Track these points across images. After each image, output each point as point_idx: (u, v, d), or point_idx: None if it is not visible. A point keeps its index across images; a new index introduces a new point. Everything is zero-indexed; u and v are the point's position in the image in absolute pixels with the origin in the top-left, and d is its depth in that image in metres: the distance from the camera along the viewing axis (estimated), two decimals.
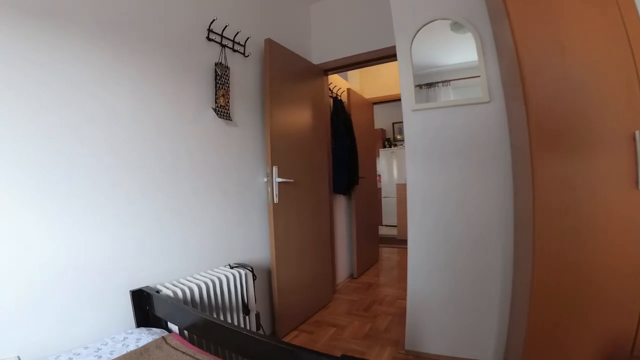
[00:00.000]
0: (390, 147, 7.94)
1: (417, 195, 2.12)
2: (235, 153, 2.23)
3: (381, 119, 8.00)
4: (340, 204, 3.63)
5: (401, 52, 2.11)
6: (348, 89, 3.84)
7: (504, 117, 1.88)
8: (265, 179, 2.39)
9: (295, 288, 2.52)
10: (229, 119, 2.14)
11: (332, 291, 3.16)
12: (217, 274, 1.80)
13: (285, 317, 2.41)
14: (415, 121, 2.07)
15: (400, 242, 5.64)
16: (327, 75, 3.22)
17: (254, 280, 1.91)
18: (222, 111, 2.08)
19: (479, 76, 1.91)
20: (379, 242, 4.81)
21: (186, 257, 1.84)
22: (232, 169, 2.20)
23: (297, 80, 2.71)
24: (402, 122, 8.08)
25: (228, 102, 2.13)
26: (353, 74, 4.58)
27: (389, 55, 2.77)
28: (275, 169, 2.32)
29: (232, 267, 1.92)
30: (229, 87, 2.14)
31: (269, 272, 2.42)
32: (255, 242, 2.35)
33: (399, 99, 4.62)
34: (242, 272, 1.85)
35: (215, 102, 2.05)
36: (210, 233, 2.01)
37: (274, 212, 2.31)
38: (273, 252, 2.31)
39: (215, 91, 2.06)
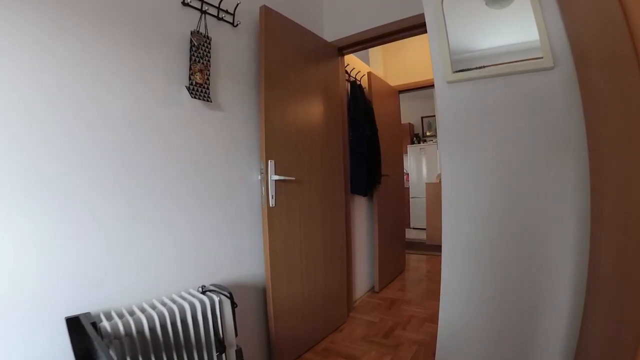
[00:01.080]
0: (419, 143, 7.33)
1: (454, 195, 1.61)
2: (219, 144, 1.80)
3: (409, 113, 7.40)
4: (360, 206, 3.13)
5: (429, 11, 1.60)
6: (369, 73, 3.33)
7: (574, 90, 1.34)
8: (260, 177, 1.94)
9: (297, 309, 2.06)
10: (208, 100, 1.70)
11: (348, 309, 2.68)
12: (184, 301, 1.36)
13: (284, 346, 1.96)
14: (452, 97, 1.55)
15: (429, 247, 5.06)
16: (342, 55, 2.73)
17: (233, 307, 1.47)
18: (199, 90, 1.65)
19: (524, 60, 1.38)
20: (406, 247, 4.27)
21: (146, 277, 1.43)
22: (215, 163, 1.77)
23: (304, 60, 2.24)
24: (432, 116, 7.35)
25: (207, 79, 1.70)
26: (375, 58, 4.05)
27: (416, 26, 2.26)
28: (271, 164, 1.87)
29: (204, 292, 1.49)
30: (209, 61, 1.71)
31: (264, 291, 1.98)
32: (245, 255, 1.91)
33: (428, 86, 4.08)
34: (216, 298, 1.41)
35: (190, 79, 1.62)
36: (182, 245, 1.58)
37: (269, 218, 1.86)
38: (268, 268, 1.86)
39: (190, 65, 1.63)
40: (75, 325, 1.15)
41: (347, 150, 2.79)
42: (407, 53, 4.18)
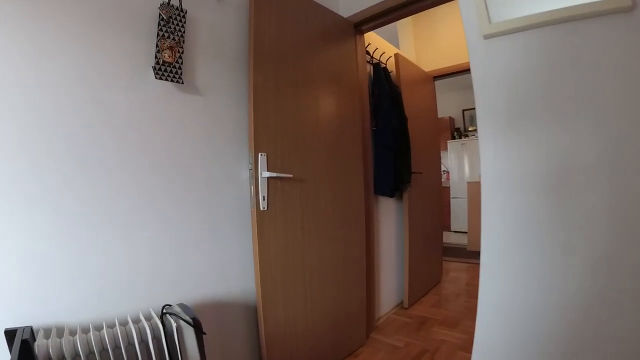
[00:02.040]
0: (460, 138, 6.70)
1: (498, 195, 1.19)
2: (197, 133, 1.49)
3: (448, 106, 6.80)
4: (386, 209, 2.72)
5: None
6: (396, 55, 2.90)
7: None
8: (249, 173, 1.61)
9: (298, 334, 1.71)
10: (179, 81, 1.40)
11: (368, 330, 2.28)
12: (135, 325, 1.06)
13: None
14: (492, 57, 1.12)
15: (471, 254, 4.51)
16: (361, 32, 2.34)
17: (199, 336, 1.15)
18: (167, 70, 1.35)
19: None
20: (444, 253, 3.78)
21: (103, 292, 1.16)
22: (191, 156, 1.46)
23: (309, 38, 1.88)
24: (474, 108, 6.71)
25: (180, 57, 1.39)
26: (405, 41, 3.60)
27: None
28: (261, 158, 1.53)
29: (163, 314, 1.17)
30: (182, 37, 1.40)
31: (255, 311, 1.64)
32: (234, 268, 1.59)
33: (466, 70, 3.55)
34: (174, 324, 1.10)
35: (156, 57, 1.32)
36: (152, 254, 1.31)
37: (259, 223, 1.52)
38: (258, 283, 1.53)
39: (157, 42, 1.33)
40: (12, 339, 0.95)
41: (369, 144, 2.39)
42: (441, 34, 3.68)
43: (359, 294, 2.15)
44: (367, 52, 2.55)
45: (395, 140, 2.43)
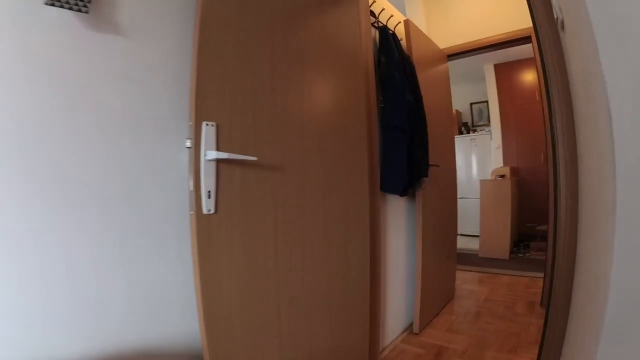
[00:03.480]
0: (468, 133, 6.18)
1: None
2: (109, 95, 0.93)
3: (455, 99, 6.20)
4: (395, 210, 2.17)
5: None
6: (406, 22, 2.35)
7: None
8: (189, 155, 1.04)
9: None
10: (82, 10, 0.84)
11: None
12: None
13: None
14: None
15: (483, 262, 3.98)
16: None
17: None
18: None
19: None
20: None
21: None
22: (97, 132, 0.90)
23: None
24: (483, 101, 6.14)
25: None
26: (413, 10, 3.03)
27: None
28: (208, 129, 0.98)
29: None
30: None
31: None
32: (170, 299, 1.04)
33: (490, 46, 3.01)
34: None
35: None
36: (36, 285, 0.74)
37: (201, 235, 0.96)
38: (203, 328, 0.96)
39: None
40: None
41: (376, 126, 1.83)
42: (452, 5, 3.14)
43: (360, 324, 1.60)
44: (372, 13, 2.01)
45: (410, 121, 1.88)
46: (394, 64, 1.92)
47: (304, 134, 1.30)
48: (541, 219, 4.40)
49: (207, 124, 0.97)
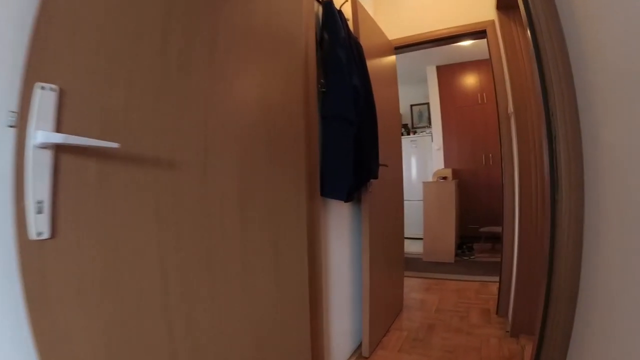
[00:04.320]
0: (408, 134, 6.15)
1: None
2: None
3: None
4: (339, 217, 1.85)
5: None
6: (354, 1, 2.07)
7: None
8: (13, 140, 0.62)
9: None
10: None
11: None
12: None
13: None
14: None
15: (429, 266, 3.86)
16: None
17: None
18: None
19: None
20: None
21: None
22: None
23: None
24: (424, 103, 6.18)
25: None
26: None
27: None
28: (45, 95, 0.56)
29: None
30: None
31: None
32: None
33: (437, 40, 2.79)
34: None
35: None
36: None
37: (25, 276, 0.55)
38: None
39: None
40: None
41: (315, 116, 1.50)
42: None
43: (302, 358, 1.25)
44: None
45: (357, 109, 1.57)
46: (340, 42, 1.60)
47: (214, 122, 0.92)
48: (485, 221, 4.42)
49: (43, 87, 0.55)
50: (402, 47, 2.82)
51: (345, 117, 1.49)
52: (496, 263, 3.65)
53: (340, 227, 1.86)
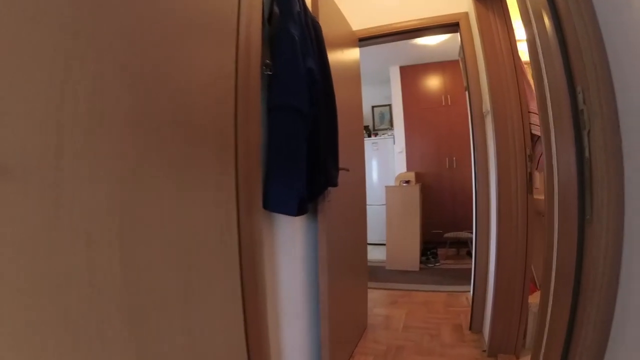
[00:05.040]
0: (369, 137, 5.96)
1: None
2: None
3: None
4: (288, 230, 1.53)
5: None
6: None
7: None
8: None
9: None
10: None
11: None
12: None
13: None
14: None
15: (393, 275, 3.65)
16: None
17: None
18: None
19: None
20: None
21: None
22: None
23: None
24: (386, 105, 5.98)
25: None
26: None
27: None
28: None
29: None
30: None
31: None
32: None
33: (406, 32, 2.41)
34: None
35: None
36: None
37: None
38: None
39: None
40: None
41: (257, 106, 1.16)
42: None
43: None
44: None
45: (313, 99, 1.25)
46: (293, 18, 1.29)
47: (76, 104, 0.58)
48: (449, 226, 4.28)
49: None
50: (368, 39, 2.56)
51: (295, 107, 1.17)
52: (463, 270, 3.52)
53: (290, 242, 1.54)
